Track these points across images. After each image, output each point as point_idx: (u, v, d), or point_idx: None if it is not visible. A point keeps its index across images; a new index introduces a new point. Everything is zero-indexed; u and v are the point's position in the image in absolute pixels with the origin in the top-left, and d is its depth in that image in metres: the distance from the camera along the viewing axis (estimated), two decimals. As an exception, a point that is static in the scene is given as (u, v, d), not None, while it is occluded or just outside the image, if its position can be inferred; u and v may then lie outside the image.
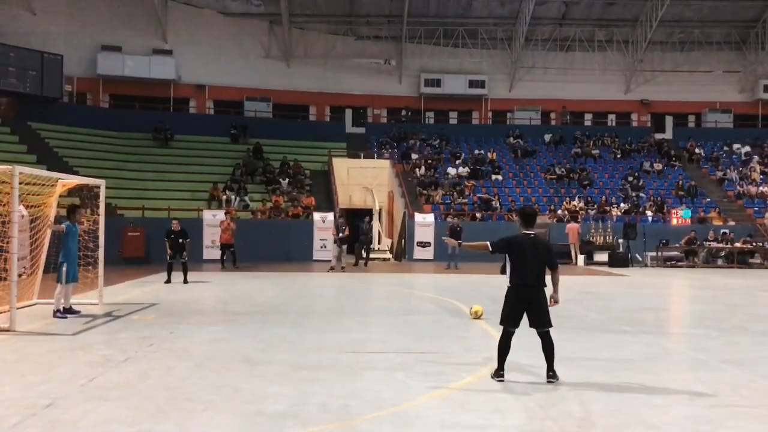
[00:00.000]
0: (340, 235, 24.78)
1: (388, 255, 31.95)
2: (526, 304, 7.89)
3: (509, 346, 7.95)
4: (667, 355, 10.20)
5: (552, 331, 7.97)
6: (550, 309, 7.98)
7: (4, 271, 11.99)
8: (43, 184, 13.49)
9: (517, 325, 7.95)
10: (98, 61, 38.67)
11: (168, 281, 19.15)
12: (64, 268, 12.62)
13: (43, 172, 13.71)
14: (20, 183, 11.42)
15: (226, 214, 27.34)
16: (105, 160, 33.69)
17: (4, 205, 11.66)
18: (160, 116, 38.77)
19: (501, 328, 8.06)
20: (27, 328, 11.40)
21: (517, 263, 7.92)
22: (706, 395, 7.56)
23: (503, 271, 8.57)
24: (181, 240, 19.19)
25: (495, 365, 8.08)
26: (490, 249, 8.09)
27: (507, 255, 8.08)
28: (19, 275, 12.33)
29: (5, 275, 11.72)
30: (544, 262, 7.97)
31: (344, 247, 25.04)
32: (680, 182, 37.10)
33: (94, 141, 35.38)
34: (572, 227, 29.96)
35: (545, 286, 7.95)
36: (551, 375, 7.90)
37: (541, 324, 7.90)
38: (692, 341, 11.49)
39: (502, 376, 7.95)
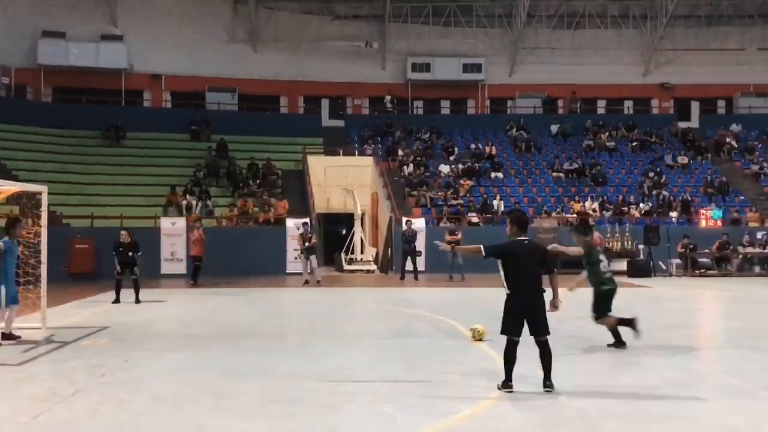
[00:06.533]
0: (306, 244, 24.97)
1: (372, 266, 31.89)
2: (525, 311, 8.66)
3: (515, 356, 8.69)
4: (698, 381, 10.22)
5: (564, 355, 8.04)
6: (548, 316, 8.70)
7: None
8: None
9: (520, 334, 8.68)
10: (39, 49, 38.45)
11: (117, 301, 19.13)
12: (3, 290, 12.53)
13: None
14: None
15: (195, 222, 27.15)
16: (47, 162, 33.60)
17: None
18: (110, 111, 38.75)
19: (504, 339, 8.76)
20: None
21: (513, 270, 8.71)
22: (746, 429, 7.55)
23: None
24: (131, 253, 19.16)
25: (498, 389, 8.74)
26: (483, 253, 8.84)
27: (501, 261, 8.80)
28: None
29: None
30: (539, 267, 8.79)
31: (312, 257, 25.14)
32: (709, 178, 37.21)
33: (35, 140, 35.23)
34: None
35: (544, 291, 8.71)
36: (548, 384, 8.71)
37: (540, 332, 8.69)
38: (727, 364, 11.51)
39: (511, 387, 8.69)
